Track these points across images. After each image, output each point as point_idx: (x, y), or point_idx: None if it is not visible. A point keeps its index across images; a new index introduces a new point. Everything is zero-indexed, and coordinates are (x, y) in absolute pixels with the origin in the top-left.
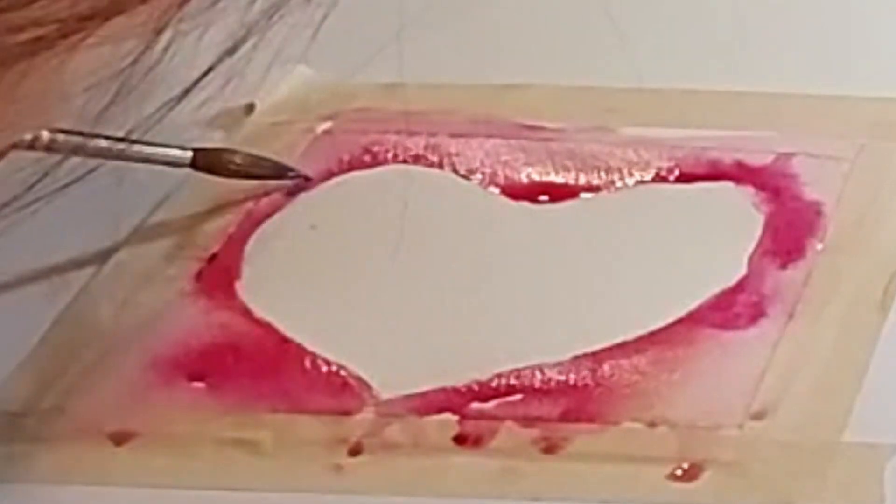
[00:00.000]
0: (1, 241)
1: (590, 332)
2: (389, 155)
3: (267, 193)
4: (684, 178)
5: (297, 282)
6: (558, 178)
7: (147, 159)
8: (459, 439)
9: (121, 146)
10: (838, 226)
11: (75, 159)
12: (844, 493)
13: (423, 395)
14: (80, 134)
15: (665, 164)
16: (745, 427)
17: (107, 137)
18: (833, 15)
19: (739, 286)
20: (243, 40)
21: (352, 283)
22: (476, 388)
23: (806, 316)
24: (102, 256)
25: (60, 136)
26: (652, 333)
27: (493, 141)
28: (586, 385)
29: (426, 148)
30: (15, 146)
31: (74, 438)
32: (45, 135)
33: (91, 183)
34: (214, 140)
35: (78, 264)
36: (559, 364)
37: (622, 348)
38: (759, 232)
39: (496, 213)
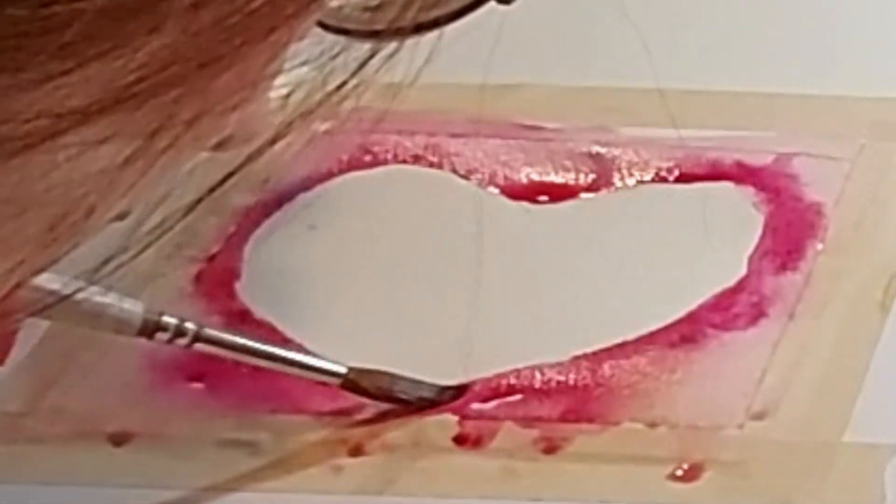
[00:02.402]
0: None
1: (589, 332)
2: (389, 155)
3: (266, 193)
4: (684, 178)
5: (297, 282)
6: (558, 178)
7: (300, 365)
8: (459, 439)
9: (274, 350)
10: (838, 226)
11: None
12: (844, 493)
13: None
14: (234, 333)
15: (665, 164)
16: (745, 427)
17: (259, 341)
18: (833, 15)
19: (739, 286)
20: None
21: (351, 283)
22: (476, 388)
23: (806, 316)
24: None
25: (211, 332)
26: (652, 333)
27: (493, 141)
28: (586, 385)
29: (426, 148)
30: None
31: (74, 438)
32: (191, 327)
33: None
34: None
35: (78, 263)
36: (559, 364)
37: (622, 348)
38: (759, 232)
39: (496, 213)
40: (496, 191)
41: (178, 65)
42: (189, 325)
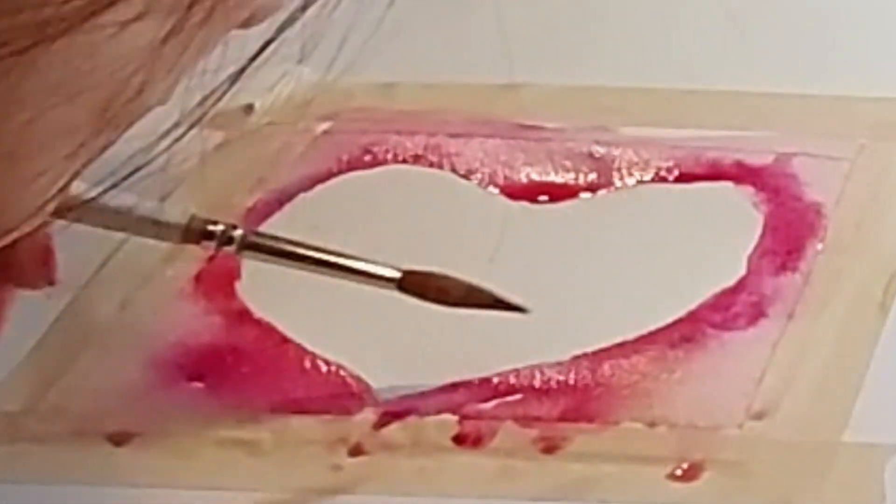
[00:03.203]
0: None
1: (589, 332)
2: (389, 155)
3: (266, 193)
4: (684, 178)
5: (297, 282)
6: (558, 178)
7: (353, 271)
8: (459, 439)
9: (327, 256)
10: (838, 226)
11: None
12: (844, 493)
13: (423, 394)
14: (284, 240)
15: (665, 164)
16: (745, 427)
17: (312, 248)
18: (833, 15)
19: (739, 286)
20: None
21: (351, 284)
22: (476, 388)
23: (806, 316)
24: (102, 256)
25: (261, 238)
26: (652, 333)
27: (493, 141)
28: (586, 385)
29: (426, 148)
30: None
31: (74, 438)
32: (238, 233)
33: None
34: (214, 140)
35: (78, 264)
36: (559, 364)
37: (622, 348)
38: (758, 232)
39: (496, 213)
40: (496, 191)
41: None
42: (237, 232)
